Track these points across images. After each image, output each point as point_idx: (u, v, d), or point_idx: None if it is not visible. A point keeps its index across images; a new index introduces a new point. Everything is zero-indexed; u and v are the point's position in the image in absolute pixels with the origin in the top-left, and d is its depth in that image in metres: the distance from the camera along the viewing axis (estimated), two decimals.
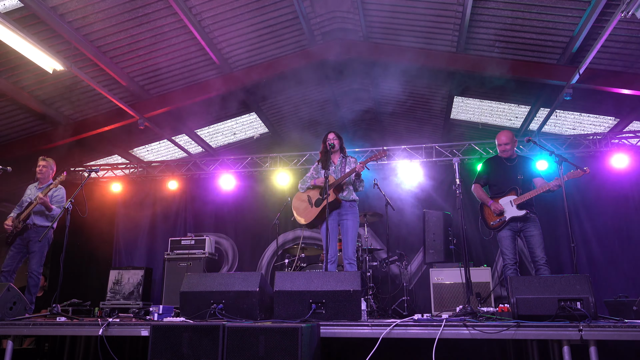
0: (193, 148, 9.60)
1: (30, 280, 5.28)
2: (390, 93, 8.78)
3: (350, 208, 4.92)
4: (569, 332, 2.99)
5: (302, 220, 5.08)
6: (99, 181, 8.93)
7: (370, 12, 6.53)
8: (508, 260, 4.81)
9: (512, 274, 4.77)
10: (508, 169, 5.01)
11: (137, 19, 5.91)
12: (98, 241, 8.53)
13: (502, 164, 5.10)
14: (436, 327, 3.16)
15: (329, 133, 5.12)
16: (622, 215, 7.14)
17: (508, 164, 5.04)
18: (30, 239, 5.38)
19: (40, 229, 5.40)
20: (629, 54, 5.97)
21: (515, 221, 4.83)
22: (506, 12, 5.80)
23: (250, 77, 7.37)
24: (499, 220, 4.90)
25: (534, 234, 4.77)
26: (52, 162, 5.73)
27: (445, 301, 6.03)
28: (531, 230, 4.78)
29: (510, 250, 4.82)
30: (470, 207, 7.70)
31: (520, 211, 4.79)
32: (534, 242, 4.76)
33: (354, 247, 4.82)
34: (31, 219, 5.41)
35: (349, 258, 4.75)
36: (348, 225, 4.86)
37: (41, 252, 5.39)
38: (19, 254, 5.41)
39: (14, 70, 6.28)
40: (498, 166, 5.11)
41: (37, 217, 5.43)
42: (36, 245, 5.34)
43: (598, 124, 8.02)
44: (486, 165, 5.27)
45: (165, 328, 3.00)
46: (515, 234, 4.89)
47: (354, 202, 4.96)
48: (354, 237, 4.84)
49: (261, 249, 8.31)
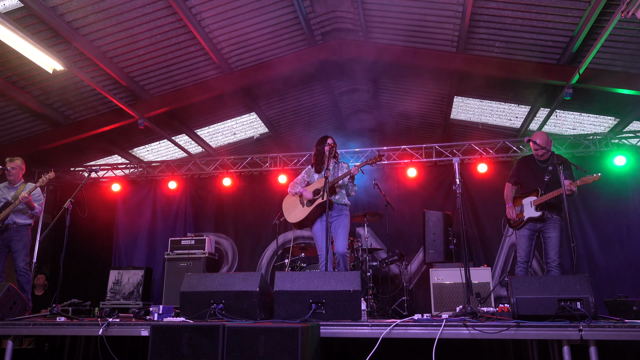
0: (193, 148, 9.60)
1: (21, 278, 5.23)
2: (390, 93, 8.78)
3: (341, 211, 4.87)
4: (569, 332, 2.99)
5: (291, 219, 5.00)
6: (99, 181, 8.93)
7: (370, 12, 6.53)
8: (520, 258, 4.88)
9: (521, 272, 4.82)
10: (537, 169, 4.99)
11: (137, 19, 5.91)
12: (98, 241, 8.54)
13: (533, 163, 5.07)
14: (436, 327, 3.16)
15: (327, 138, 5.02)
16: (622, 216, 7.14)
17: (539, 165, 5.01)
18: (12, 238, 5.33)
19: (22, 228, 5.37)
20: (629, 54, 5.96)
21: (534, 221, 4.84)
22: (506, 12, 5.80)
23: (250, 77, 7.37)
24: (519, 219, 4.94)
25: (551, 236, 4.77)
26: (22, 162, 5.64)
27: (445, 301, 6.03)
28: (549, 232, 4.79)
29: (524, 249, 4.86)
30: (470, 207, 7.71)
31: (537, 212, 4.79)
32: (549, 244, 4.77)
33: (345, 242, 4.75)
34: (11, 219, 5.34)
35: (343, 253, 4.70)
36: (337, 224, 4.79)
37: (25, 248, 5.36)
38: (1, 256, 5.35)
39: (14, 70, 6.28)
40: (529, 166, 5.10)
41: (18, 216, 5.38)
42: (19, 244, 5.31)
43: (598, 124, 8.02)
44: (519, 164, 5.27)
45: (165, 328, 3.00)
46: (534, 234, 4.89)
47: (345, 207, 4.91)
48: (345, 233, 4.78)
49: (261, 249, 8.31)
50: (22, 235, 5.35)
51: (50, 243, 8.34)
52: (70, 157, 8.67)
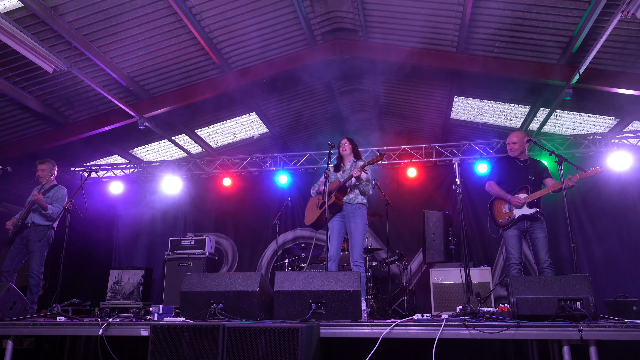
0: (193, 148, 9.59)
1: (31, 280, 5.27)
2: (390, 93, 8.77)
3: (356, 211, 4.89)
4: (569, 332, 2.99)
5: (307, 221, 5.26)
6: (99, 181, 8.93)
7: (370, 12, 6.53)
8: (513, 259, 4.83)
9: (516, 273, 4.78)
10: (520, 168, 5.03)
11: (137, 19, 5.91)
12: (98, 241, 8.53)
13: (514, 163, 5.11)
14: (436, 327, 3.16)
15: (342, 138, 5.25)
16: (622, 215, 7.14)
17: (520, 164, 5.06)
18: (30, 238, 5.37)
19: (40, 228, 5.39)
20: (629, 54, 5.96)
21: (524, 220, 4.85)
22: (506, 12, 5.80)
23: (250, 77, 7.36)
24: (508, 218, 4.92)
25: (539, 236, 4.78)
26: (50, 164, 5.67)
27: (445, 301, 6.03)
28: (537, 232, 4.80)
29: (516, 249, 4.84)
30: (470, 207, 7.71)
31: (530, 209, 4.81)
32: (538, 245, 4.78)
33: (360, 250, 4.80)
34: (30, 218, 5.40)
35: (356, 260, 4.76)
36: (352, 229, 4.87)
37: (41, 251, 5.38)
38: (18, 254, 5.39)
39: (14, 70, 6.28)
40: (510, 165, 5.13)
41: (36, 216, 5.42)
42: (35, 245, 5.33)
43: (598, 124, 8.02)
44: (498, 163, 5.30)
45: (165, 328, 3.00)
46: (522, 234, 4.90)
47: (360, 205, 4.93)
48: (360, 240, 4.83)
49: (261, 249, 8.32)
50: (39, 236, 5.33)
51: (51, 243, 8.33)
52: (70, 157, 8.67)
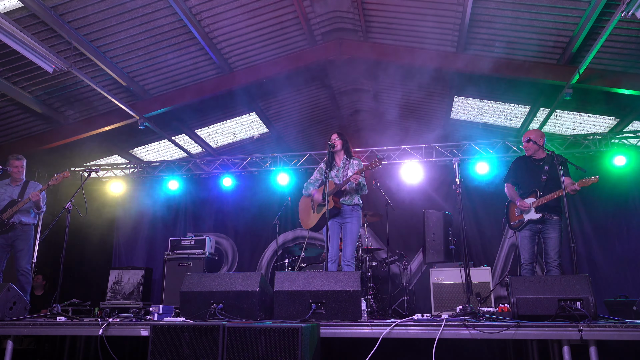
0: (193, 148, 9.59)
1: (22, 278, 5.21)
2: (390, 93, 8.77)
3: (352, 212, 4.90)
4: (569, 332, 2.99)
5: (305, 225, 5.18)
6: (99, 181, 8.93)
7: (370, 12, 6.53)
8: (525, 260, 4.85)
9: (527, 274, 4.79)
10: (533, 169, 4.95)
11: (137, 19, 5.91)
12: (98, 241, 8.54)
13: (529, 163, 5.03)
14: (436, 327, 3.16)
15: (332, 133, 5.12)
16: (622, 216, 7.14)
17: (535, 164, 4.97)
18: (17, 237, 5.31)
19: (27, 227, 5.37)
20: (628, 54, 5.96)
21: (534, 223, 4.84)
22: (506, 11, 5.79)
23: (250, 77, 7.36)
24: (519, 221, 4.93)
25: (551, 236, 4.76)
26: (24, 160, 5.61)
27: (445, 301, 6.03)
28: (549, 233, 4.78)
29: (528, 250, 4.84)
30: (470, 207, 7.71)
31: (537, 214, 4.78)
32: (549, 245, 4.76)
33: (352, 249, 4.82)
34: (17, 217, 5.31)
35: (347, 260, 4.78)
36: (347, 229, 4.87)
37: (29, 248, 5.35)
38: (3, 253, 5.30)
39: (14, 70, 6.28)
40: (525, 167, 5.06)
41: (24, 215, 5.38)
42: (23, 243, 5.30)
43: (598, 124, 8.01)
44: (514, 164, 5.22)
45: (165, 328, 3.00)
46: (535, 235, 4.88)
47: (356, 206, 4.93)
48: (352, 240, 4.84)
49: (261, 249, 8.32)
50: (27, 234, 5.34)
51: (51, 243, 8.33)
52: (70, 157, 8.67)
